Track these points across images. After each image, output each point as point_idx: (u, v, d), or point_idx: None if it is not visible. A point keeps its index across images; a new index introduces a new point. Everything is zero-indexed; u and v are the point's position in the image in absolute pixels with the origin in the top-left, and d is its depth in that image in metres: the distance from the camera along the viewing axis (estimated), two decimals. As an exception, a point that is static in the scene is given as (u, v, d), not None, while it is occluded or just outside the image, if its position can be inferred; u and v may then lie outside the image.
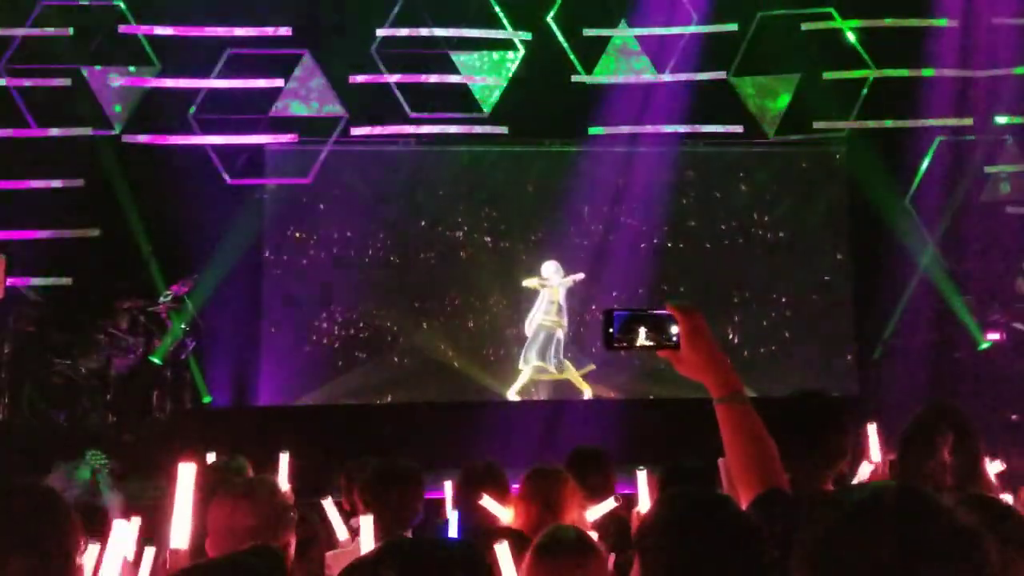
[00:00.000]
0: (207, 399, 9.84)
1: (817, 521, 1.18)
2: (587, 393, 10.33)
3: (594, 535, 2.76)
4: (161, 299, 9.60)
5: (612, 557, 2.84)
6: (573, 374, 10.38)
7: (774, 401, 2.73)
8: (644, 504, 3.27)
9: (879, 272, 10.70)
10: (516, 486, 3.41)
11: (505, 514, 3.30)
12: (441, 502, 4.02)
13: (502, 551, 2.47)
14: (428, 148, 10.99)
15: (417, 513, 3.37)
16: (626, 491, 3.85)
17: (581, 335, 10.78)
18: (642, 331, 1.89)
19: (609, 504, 3.25)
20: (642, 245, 11.19)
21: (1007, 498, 3.60)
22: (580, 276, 10.49)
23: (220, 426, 8.96)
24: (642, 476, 3.26)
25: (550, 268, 10.49)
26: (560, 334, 10.44)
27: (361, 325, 10.84)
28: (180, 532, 2.38)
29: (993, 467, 3.60)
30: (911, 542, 1.11)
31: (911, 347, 10.21)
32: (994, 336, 9.90)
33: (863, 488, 1.23)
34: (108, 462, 7.98)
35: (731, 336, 10.87)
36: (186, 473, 2.39)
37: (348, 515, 3.79)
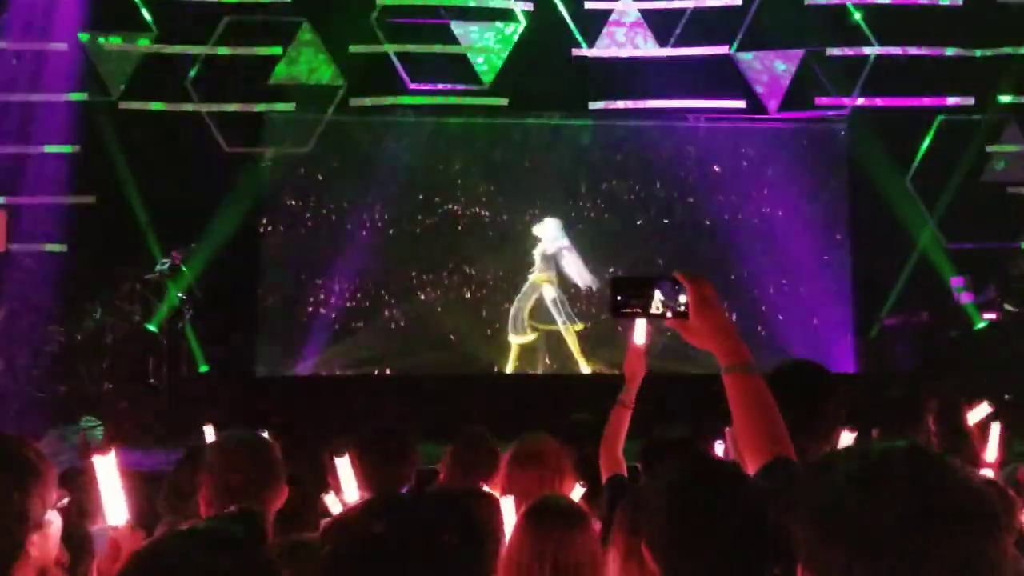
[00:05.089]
0: (204, 368, 9.82)
1: (823, 481, 1.14)
2: (583, 367, 10.38)
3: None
4: (158, 267, 9.56)
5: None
6: (573, 340, 10.41)
7: (767, 374, 2.70)
8: None
9: (878, 251, 10.69)
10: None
11: None
12: (435, 473, 4.02)
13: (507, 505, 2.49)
14: (427, 119, 10.92)
15: (408, 479, 3.37)
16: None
17: (577, 308, 10.78)
18: (651, 299, 1.87)
19: (578, 491, 3.24)
20: (640, 221, 11.15)
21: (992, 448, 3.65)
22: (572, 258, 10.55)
23: (216, 395, 8.97)
24: None
25: (550, 225, 10.55)
26: (550, 289, 10.47)
27: (359, 295, 10.81)
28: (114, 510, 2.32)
29: (980, 410, 3.64)
30: (921, 502, 1.08)
31: (907, 326, 10.23)
32: (990, 316, 9.92)
33: (870, 448, 1.19)
34: (100, 425, 8.02)
35: (728, 313, 10.84)
36: (105, 464, 2.33)
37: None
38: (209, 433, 3.81)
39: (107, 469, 2.33)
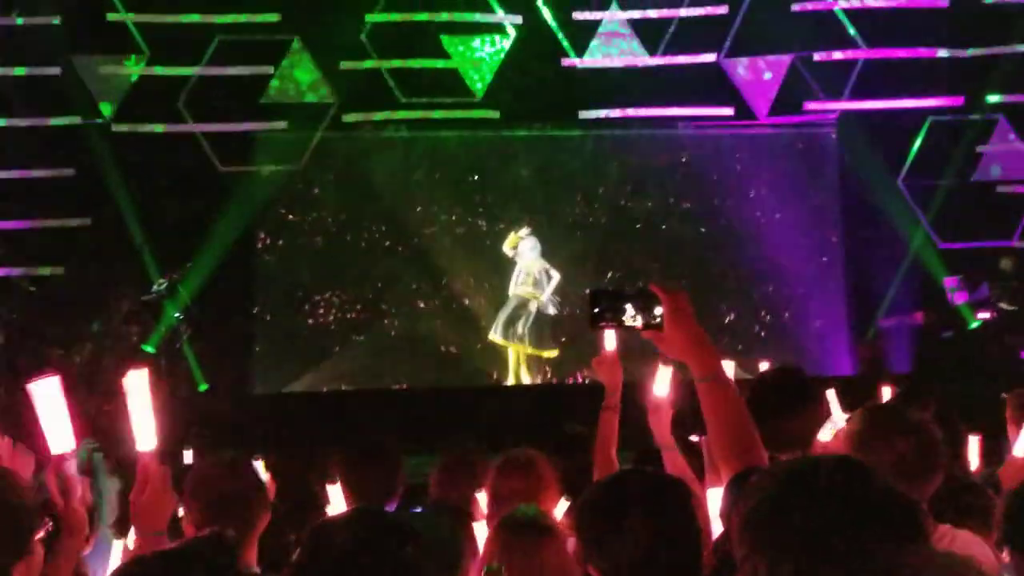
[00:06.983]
0: (203, 387, 9.83)
1: (753, 490, 1.17)
2: (525, 378, 10.34)
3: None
4: (154, 288, 9.58)
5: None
6: (524, 353, 10.38)
7: (748, 383, 2.75)
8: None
9: (871, 252, 10.73)
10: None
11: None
12: (424, 488, 4.04)
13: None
14: (420, 133, 10.97)
15: (394, 493, 3.38)
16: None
17: (562, 316, 10.74)
18: (627, 311, 1.91)
19: (563, 505, 3.24)
20: (636, 227, 11.19)
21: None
22: (555, 280, 10.50)
23: (216, 414, 8.97)
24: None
25: (527, 244, 10.49)
26: (533, 307, 10.45)
27: (358, 307, 10.83)
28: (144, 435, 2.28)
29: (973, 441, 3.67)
30: (844, 512, 1.09)
31: (902, 326, 10.26)
32: (984, 315, 9.95)
33: (803, 459, 1.23)
34: (97, 447, 8.00)
35: (725, 318, 10.89)
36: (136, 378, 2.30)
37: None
38: (188, 458, 3.82)
39: (138, 390, 2.25)
